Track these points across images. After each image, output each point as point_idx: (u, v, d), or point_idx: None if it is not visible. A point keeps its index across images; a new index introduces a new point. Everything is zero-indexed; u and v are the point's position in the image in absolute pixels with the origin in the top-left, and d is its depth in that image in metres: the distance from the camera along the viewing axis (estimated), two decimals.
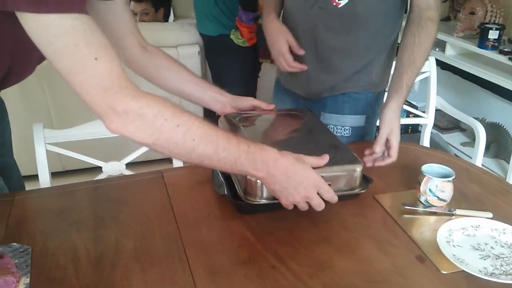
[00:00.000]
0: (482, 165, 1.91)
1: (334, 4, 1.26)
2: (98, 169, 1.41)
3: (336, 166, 1.00)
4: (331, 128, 1.45)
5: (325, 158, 0.97)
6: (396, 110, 1.20)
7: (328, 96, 1.44)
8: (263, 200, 0.98)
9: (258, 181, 0.95)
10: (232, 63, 2.50)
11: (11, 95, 2.40)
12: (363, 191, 1.04)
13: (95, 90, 0.78)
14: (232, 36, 2.40)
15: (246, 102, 1.22)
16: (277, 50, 1.33)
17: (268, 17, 1.37)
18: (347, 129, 1.44)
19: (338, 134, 1.44)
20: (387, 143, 1.19)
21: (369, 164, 1.17)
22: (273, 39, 1.34)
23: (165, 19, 3.16)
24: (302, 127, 1.22)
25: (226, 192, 1.04)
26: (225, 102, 1.21)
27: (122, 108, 0.79)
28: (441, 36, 2.63)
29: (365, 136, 1.46)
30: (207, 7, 2.41)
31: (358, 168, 1.02)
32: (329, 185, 0.95)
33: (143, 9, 2.94)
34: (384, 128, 1.19)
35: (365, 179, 1.07)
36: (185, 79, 1.19)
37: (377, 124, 1.28)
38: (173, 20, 3.36)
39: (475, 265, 0.89)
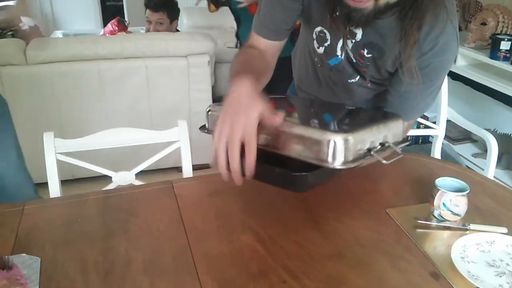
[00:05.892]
0: (494, 177, 1.89)
1: None
2: (108, 177, 1.40)
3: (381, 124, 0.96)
4: None
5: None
6: None
7: None
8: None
9: None
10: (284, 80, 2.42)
11: (24, 103, 2.43)
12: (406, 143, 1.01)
13: None
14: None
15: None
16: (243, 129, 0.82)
17: (242, 79, 0.88)
18: None
19: None
20: None
21: None
22: (240, 107, 0.84)
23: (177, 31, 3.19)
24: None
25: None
26: None
27: None
28: None
29: None
30: None
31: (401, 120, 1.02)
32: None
33: (158, 18, 2.96)
34: None
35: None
36: None
37: None
38: None
39: (490, 283, 0.87)
